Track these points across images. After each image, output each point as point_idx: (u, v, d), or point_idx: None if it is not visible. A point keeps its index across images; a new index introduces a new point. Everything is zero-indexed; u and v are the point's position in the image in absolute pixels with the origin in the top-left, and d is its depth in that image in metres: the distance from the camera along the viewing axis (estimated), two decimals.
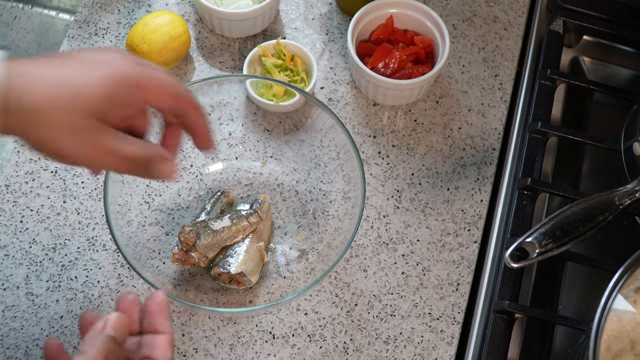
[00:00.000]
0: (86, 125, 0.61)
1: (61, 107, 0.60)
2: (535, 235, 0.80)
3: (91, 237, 0.89)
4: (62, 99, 0.60)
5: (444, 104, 1.01)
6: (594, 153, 1.00)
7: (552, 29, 1.03)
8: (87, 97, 0.61)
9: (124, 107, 0.63)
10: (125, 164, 0.64)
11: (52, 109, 0.60)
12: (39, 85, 0.61)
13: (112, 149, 0.62)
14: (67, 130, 0.61)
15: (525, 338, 0.87)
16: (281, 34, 1.04)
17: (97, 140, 0.62)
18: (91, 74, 0.62)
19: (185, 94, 0.67)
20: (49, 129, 0.60)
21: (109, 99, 0.62)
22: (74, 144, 0.61)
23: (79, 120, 0.61)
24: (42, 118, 0.60)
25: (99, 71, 0.62)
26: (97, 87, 0.61)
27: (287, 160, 0.93)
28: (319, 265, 0.85)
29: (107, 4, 1.04)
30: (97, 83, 0.61)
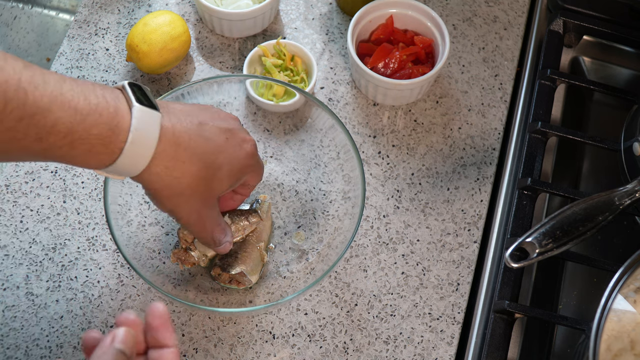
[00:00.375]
0: (211, 203, 0.73)
1: (198, 190, 0.70)
2: (535, 235, 0.80)
3: (91, 237, 0.89)
4: (201, 184, 0.70)
5: (444, 104, 1.01)
6: (594, 153, 1.00)
7: (552, 29, 1.03)
8: (223, 184, 0.73)
9: (234, 186, 0.76)
10: (206, 236, 0.77)
11: (190, 189, 0.70)
12: (187, 163, 0.69)
13: (210, 231, 0.76)
14: (194, 207, 0.72)
15: (525, 338, 0.87)
16: (281, 34, 1.04)
17: (208, 219, 0.75)
18: (229, 164, 0.73)
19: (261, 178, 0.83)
20: (183, 204, 0.71)
21: (233, 184, 0.75)
22: (193, 215, 0.72)
23: (208, 199, 0.73)
24: (182, 195, 0.70)
25: (237, 156, 0.74)
26: (229, 181, 0.73)
27: (287, 160, 0.93)
28: (319, 265, 0.85)
29: (107, 4, 1.04)
30: (229, 173, 0.73)
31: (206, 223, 0.75)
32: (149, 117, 0.65)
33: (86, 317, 0.85)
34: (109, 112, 0.62)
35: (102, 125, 0.62)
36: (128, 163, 0.64)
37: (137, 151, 0.64)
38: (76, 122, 0.60)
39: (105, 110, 0.62)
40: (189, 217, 0.72)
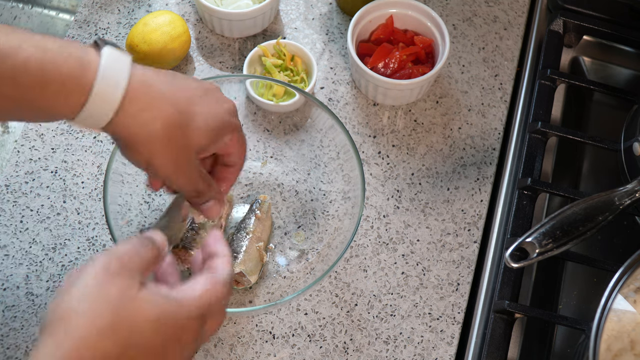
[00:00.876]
0: (188, 157, 0.70)
1: (175, 144, 0.68)
2: (535, 235, 0.79)
3: (91, 237, 0.89)
4: (175, 135, 0.68)
5: (444, 104, 1.01)
6: (594, 153, 1.00)
7: (552, 29, 1.03)
8: (201, 136, 0.70)
9: (215, 149, 0.73)
10: (190, 188, 0.72)
11: (164, 138, 0.67)
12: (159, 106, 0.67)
13: (193, 179, 0.71)
14: (174, 157, 0.69)
15: (525, 338, 0.87)
16: (281, 34, 1.04)
17: (189, 168, 0.71)
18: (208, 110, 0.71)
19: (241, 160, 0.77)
20: (157, 150, 0.68)
21: (214, 140, 0.71)
22: (170, 165, 0.69)
23: (188, 152, 0.69)
24: (153, 143, 0.67)
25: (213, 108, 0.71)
26: (209, 129, 0.70)
27: (287, 160, 0.93)
28: (319, 265, 0.85)
29: (107, 4, 1.04)
30: (210, 125, 0.70)
31: (187, 172, 0.71)
32: (118, 56, 0.65)
33: None
34: (78, 51, 0.64)
35: (72, 62, 0.63)
36: (99, 104, 0.64)
37: (108, 89, 0.64)
38: (47, 59, 0.62)
39: (75, 50, 0.63)
40: (167, 166, 0.69)
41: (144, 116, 0.66)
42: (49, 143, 0.95)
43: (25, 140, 0.94)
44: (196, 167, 0.71)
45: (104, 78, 0.63)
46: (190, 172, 0.71)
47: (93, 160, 0.94)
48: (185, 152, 0.69)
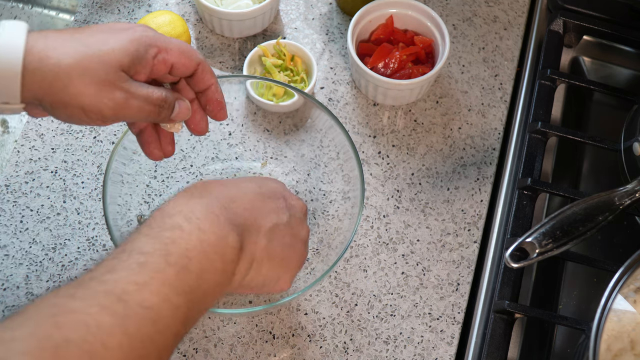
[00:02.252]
0: (114, 77, 0.65)
1: (90, 62, 0.65)
2: (535, 235, 0.79)
3: (91, 237, 0.89)
4: (90, 55, 0.65)
5: (444, 104, 1.01)
6: (594, 153, 1.00)
7: (552, 29, 1.03)
8: (114, 53, 0.65)
9: (145, 64, 0.68)
10: (146, 106, 0.68)
11: (81, 64, 0.64)
12: (65, 46, 0.65)
13: (134, 92, 0.67)
14: (97, 82, 0.65)
15: (525, 338, 0.87)
16: (281, 34, 1.04)
17: (123, 88, 0.66)
18: (114, 37, 0.67)
19: (197, 55, 0.72)
20: (78, 83, 0.64)
21: (132, 54, 0.66)
22: (102, 94, 0.65)
23: (108, 73, 0.65)
24: (71, 73, 0.64)
25: (121, 34, 0.67)
26: (122, 46, 0.66)
27: (287, 160, 0.93)
28: (319, 265, 0.85)
29: (107, 4, 1.04)
30: (120, 43, 0.66)
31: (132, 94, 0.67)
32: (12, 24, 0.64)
33: None
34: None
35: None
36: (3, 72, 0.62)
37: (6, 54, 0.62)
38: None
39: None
40: (98, 97, 0.65)
41: (51, 56, 0.63)
42: (49, 143, 0.95)
43: (25, 140, 0.94)
44: (135, 85, 0.67)
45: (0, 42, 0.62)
46: (130, 91, 0.66)
47: (93, 160, 0.94)
48: (113, 75, 0.65)
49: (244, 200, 0.66)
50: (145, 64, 0.68)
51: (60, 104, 0.65)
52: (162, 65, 0.69)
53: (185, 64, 0.71)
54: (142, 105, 0.68)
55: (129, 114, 0.67)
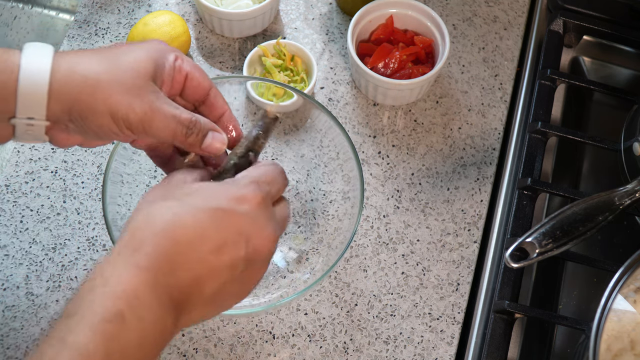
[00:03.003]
0: (146, 86, 0.65)
1: (118, 69, 0.64)
2: (535, 235, 0.79)
3: (91, 237, 0.89)
4: (117, 64, 0.65)
5: (444, 104, 1.01)
6: (594, 153, 1.00)
7: (552, 29, 1.03)
8: (140, 61, 0.65)
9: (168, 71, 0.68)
10: (172, 124, 0.66)
11: (109, 72, 0.64)
12: (91, 58, 0.65)
13: (162, 105, 0.65)
14: (125, 88, 0.64)
15: (525, 338, 0.87)
16: (281, 34, 1.04)
17: (151, 99, 0.65)
18: (135, 48, 0.67)
19: (208, 78, 0.71)
20: (106, 87, 0.63)
21: (156, 61, 0.66)
22: (131, 100, 0.64)
23: (136, 80, 0.64)
24: (99, 78, 0.63)
25: (140, 46, 0.67)
26: (145, 54, 0.66)
27: (287, 161, 0.93)
28: (318, 265, 0.85)
29: (107, 4, 1.05)
30: (143, 52, 0.66)
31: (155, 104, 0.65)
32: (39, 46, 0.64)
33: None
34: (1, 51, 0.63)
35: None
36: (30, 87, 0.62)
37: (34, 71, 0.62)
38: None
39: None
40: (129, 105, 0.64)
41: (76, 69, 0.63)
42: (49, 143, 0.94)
43: None
44: (163, 97, 0.66)
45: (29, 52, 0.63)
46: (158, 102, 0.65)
47: (93, 160, 0.94)
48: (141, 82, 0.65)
49: (192, 261, 0.59)
50: (168, 71, 0.68)
51: (89, 112, 0.63)
52: (179, 75, 0.69)
53: (198, 79, 0.70)
54: (169, 122, 0.66)
55: (155, 127, 0.65)
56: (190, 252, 0.58)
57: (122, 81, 0.64)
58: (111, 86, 0.63)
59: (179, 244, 0.58)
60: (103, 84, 0.63)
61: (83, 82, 0.63)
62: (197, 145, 0.68)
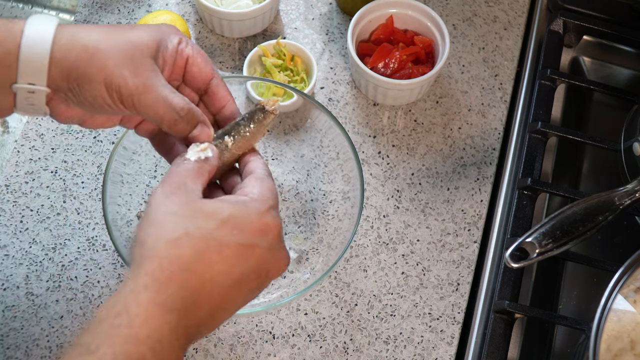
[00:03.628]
0: (144, 62, 0.65)
1: (119, 41, 0.64)
2: (535, 235, 0.79)
3: (91, 237, 0.89)
4: (119, 36, 0.65)
5: (444, 104, 1.01)
6: (594, 153, 1.00)
7: (552, 29, 1.03)
8: (142, 37, 0.65)
9: (171, 52, 0.67)
10: (162, 107, 0.65)
11: (109, 41, 0.64)
12: (94, 29, 0.65)
13: (163, 94, 0.65)
14: (122, 59, 0.64)
15: (525, 338, 0.87)
16: (281, 34, 1.04)
17: (147, 75, 0.64)
18: (141, 27, 0.67)
19: (212, 65, 0.71)
20: (104, 56, 0.63)
21: (159, 40, 0.66)
22: (126, 71, 0.64)
23: (135, 53, 0.64)
24: (99, 46, 0.63)
25: (147, 27, 0.68)
26: (149, 32, 0.66)
27: (287, 161, 0.93)
28: (319, 265, 0.85)
29: (107, 4, 1.05)
30: (147, 30, 0.66)
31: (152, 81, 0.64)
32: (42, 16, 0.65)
33: (86, 317, 0.85)
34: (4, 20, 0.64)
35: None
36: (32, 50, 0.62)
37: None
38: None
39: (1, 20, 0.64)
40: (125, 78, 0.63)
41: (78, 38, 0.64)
42: (49, 143, 0.95)
43: (25, 140, 0.94)
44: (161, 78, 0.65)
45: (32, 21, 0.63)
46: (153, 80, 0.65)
47: (93, 160, 0.94)
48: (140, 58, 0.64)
49: (214, 298, 0.59)
50: (171, 52, 0.67)
51: (85, 79, 0.63)
52: (181, 59, 0.68)
53: (199, 64, 0.70)
54: (159, 103, 0.65)
55: (144, 105, 0.65)
56: (213, 289, 0.59)
57: (121, 52, 0.64)
58: (108, 55, 0.63)
59: (204, 282, 0.58)
60: (101, 53, 0.63)
61: (82, 49, 0.63)
62: (184, 133, 0.68)
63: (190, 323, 0.58)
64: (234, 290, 0.60)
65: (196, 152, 0.67)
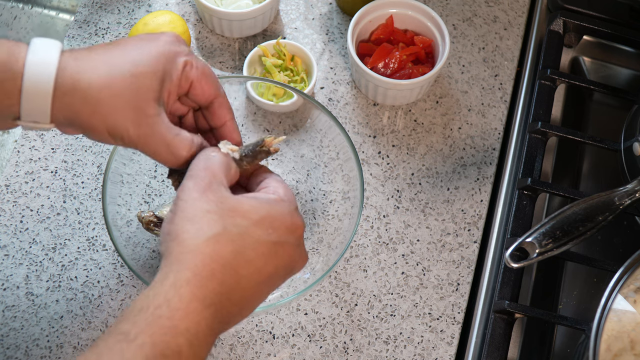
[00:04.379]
0: (147, 108, 0.65)
1: (121, 87, 0.64)
2: (535, 235, 0.80)
3: (91, 237, 0.89)
4: (122, 80, 0.64)
5: (444, 104, 1.01)
6: (594, 153, 1.00)
7: (552, 29, 1.03)
8: (145, 81, 0.64)
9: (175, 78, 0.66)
10: (174, 160, 0.67)
11: (112, 88, 0.63)
12: (97, 68, 0.64)
13: (166, 142, 0.66)
14: (125, 108, 0.64)
15: (525, 338, 0.87)
16: (281, 34, 1.04)
17: (155, 126, 0.65)
18: (144, 54, 0.65)
19: (219, 85, 0.71)
20: (106, 107, 0.63)
21: (161, 74, 0.65)
22: (128, 122, 0.64)
23: (141, 103, 0.64)
24: (100, 96, 0.63)
25: (149, 51, 0.66)
26: (152, 67, 0.65)
27: (287, 160, 0.93)
28: (319, 265, 0.85)
29: (107, 4, 1.05)
30: (151, 68, 0.65)
31: (155, 133, 0.65)
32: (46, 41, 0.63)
33: (86, 317, 0.85)
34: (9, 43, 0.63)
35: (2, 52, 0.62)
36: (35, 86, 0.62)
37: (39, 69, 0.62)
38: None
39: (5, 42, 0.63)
40: (128, 130, 0.64)
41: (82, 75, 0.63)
42: (49, 143, 0.95)
43: (25, 140, 0.94)
44: (162, 120, 0.65)
45: (33, 60, 0.62)
46: (156, 127, 0.65)
47: (93, 160, 0.94)
48: (143, 106, 0.64)
49: (247, 293, 0.62)
50: (176, 80, 0.67)
51: (88, 128, 0.64)
52: (185, 82, 0.68)
53: (203, 87, 0.69)
54: (161, 151, 0.66)
55: (149, 150, 0.66)
56: (247, 285, 0.62)
57: (123, 102, 0.64)
58: (111, 105, 0.63)
59: (240, 279, 0.61)
60: (103, 105, 0.63)
61: (83, 100, 0.63)
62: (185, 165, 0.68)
63: (223, 318, 0.60)
64: (263, 286, 0.63)
65: (227, 148, 0.68)
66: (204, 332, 0.58)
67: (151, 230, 0.84)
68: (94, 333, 0.84)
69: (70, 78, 0.62)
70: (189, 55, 0.68)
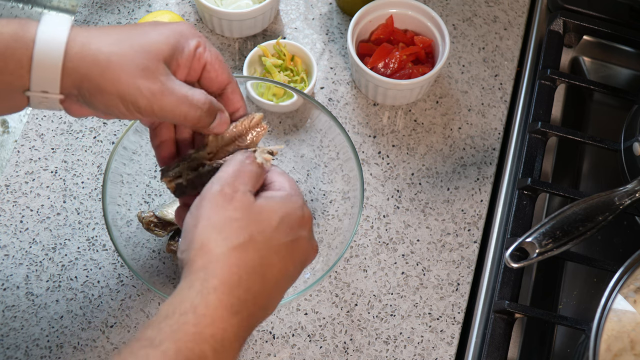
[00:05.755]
0: (154, 67, 0.64)
1: (130, 49, 0.64)
2: (535, 235, 0.80)
3: (91, 237, 0.89)
4: (130, 43, 0.65)
5: (444, 104, 1.01)
6: (594, 153, 1.00)
7: (552, 29, 1.03)
8: (155, 43, 0.65)
9: (187, 56, 0.67)
10: (183, 106, 0.66)
11: (121, 50, 0.64)
12: (108, 34, 0.65)
13: (172, 87, 0.65)
14: (135, 69, 0.64)
15: (525, 338, 0.87)
16: (281, 34, 1.04)
17: (161, 80, 0.65)
18: (157, 29, 0.67)
19: (230, 71, 0.71)
20: (115, 68, 0.63)
21: (173, 45, 0.66)
22: (139, 82, 0.64)
23: (148, 60, 0.64)
24: (110, 58, 0.63)
25: (164, 28, 0.67)
26: (163, 37, 0.66)
27: (287, 160, 0.93)
28: (319, 265, 0.85)
29: (107, 4, 1.05)
30: (162, 34, 0.66)
31: (166, 85, 0.65)
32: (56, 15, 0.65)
33: (86, 317, 0.85)
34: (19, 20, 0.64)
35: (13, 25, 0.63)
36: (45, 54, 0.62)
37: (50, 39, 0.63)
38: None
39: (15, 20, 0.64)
40: (140, 88, 0.64)
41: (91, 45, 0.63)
42: (49, 143, 0.95)
43: (25, 140, 0.94)
44: (173, 79, 0.66)
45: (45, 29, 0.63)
46: (168, 83, 0.65)
47: (93, 160, 0.94)
48: (151, 66, 0.64)
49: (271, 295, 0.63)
50: (187, 56, 0.67)
51: (97, 91, 0.64)
52: (197, 63, 0.68)
53: (217, 71, 0.69)
54: (179, 104, 0.65)
55: (165, 109, 0.65)
56: (271, 289, 0.63)
57: (133, 63, 0.64)
58: (121, 67, 0.63)
59: (265, 284, 0.62)
60: (113, 66, 0.63)
61: (94, 62, 0.63)
62: (206, 127, 0.69)
63: (249, 324, 0.61)
64: (284, 284, 0.64)
65: (263, 158, 0.67)
66: (230, 339, 0.59)
67: (151, 230, 0.84)
68: (94, 333, 0.84)
69: (81, 44, 0.63)
70: (202, 39, 0.69)
